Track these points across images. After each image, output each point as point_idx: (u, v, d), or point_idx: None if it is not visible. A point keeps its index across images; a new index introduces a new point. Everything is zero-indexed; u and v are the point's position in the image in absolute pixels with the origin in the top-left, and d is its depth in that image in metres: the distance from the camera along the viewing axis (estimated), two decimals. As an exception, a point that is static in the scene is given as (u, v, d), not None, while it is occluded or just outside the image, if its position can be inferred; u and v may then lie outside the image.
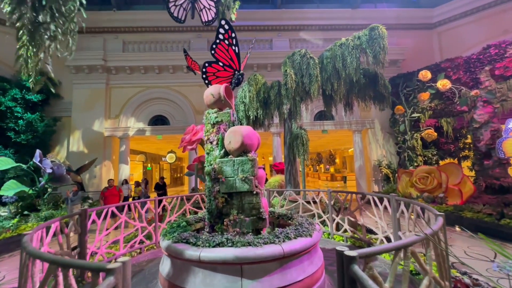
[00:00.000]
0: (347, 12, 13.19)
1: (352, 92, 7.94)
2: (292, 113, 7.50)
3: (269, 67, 12.42)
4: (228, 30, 3.47)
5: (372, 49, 6.30)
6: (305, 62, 6.69)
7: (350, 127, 12.46)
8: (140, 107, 12.32)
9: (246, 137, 3.19)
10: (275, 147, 12.30)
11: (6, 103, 9.99)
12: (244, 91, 7.76)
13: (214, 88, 3.52)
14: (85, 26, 10.93)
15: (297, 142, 7.19)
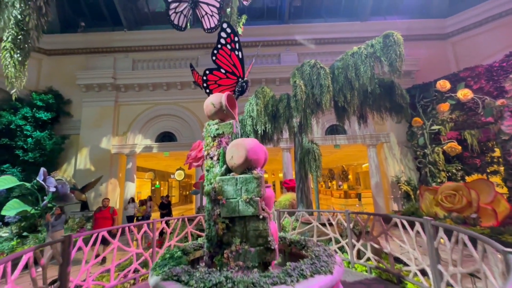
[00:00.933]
0: (356, 25, 13.01)
1: (366, 104, 7.48)
2: (302, 127, 7.05)
3: (277, 81, 12.19)
4: (230, 33, 3.15)
5: (387, 57, 5.89)
6: (315, 73, 6.33)
7: (364, 141, 11.83)
8: (148, 123, 12.23)
9: (250, 151, 2.74)
10: (285, 163, 11.77)
11: (16, 122, 10.07)
12: (252, 104, 7.43)
13: (215, 96, 3.15)
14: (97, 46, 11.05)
15: (308, 157, 6.68)
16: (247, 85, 3.30)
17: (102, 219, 6.54)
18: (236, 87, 3.35)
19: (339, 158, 19.20)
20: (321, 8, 13.90)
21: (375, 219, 4.20)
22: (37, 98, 10.88)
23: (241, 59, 3.25)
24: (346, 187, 23.33)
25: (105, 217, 6.55)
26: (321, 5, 13.81)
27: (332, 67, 6.77)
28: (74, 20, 12.91)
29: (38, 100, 10.83)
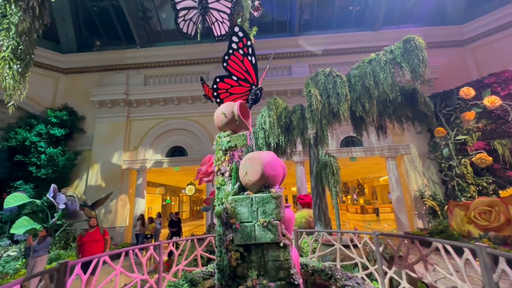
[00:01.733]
0: (368, 34, 12.77)
1: (385, 113, 7.02)
2: (318, 139, 6.65)
3: (288, 93, 11.95)
4: (242, 37, 2.89)
5: (409, 62, 5.50)
6: (331, 81, 5.99)
7: (382, 153, 11.20)
8: (159, 138, 12.15)
9: (267, 166, 2.38)
10: (299, 177, 11.26)
11: (31, 138, 10.20)
12: (264, 116, 7.14)
13: (227, 106, 2.85)
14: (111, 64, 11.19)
15: (326, 171, 6.21)
16: (261, 92, 2.99)
17: (91, 243, 5.17)
18: (249, 95, 3.05)
19: (355, 171, 18.43)
20: (331, 20, 13.81)
21: (409, 242, 3.66)
22: (52, 115, 11.07)
23: (255, 65, 2.97)
24: (362, 201, 22.27)
25: (94, 240, 5.22)
26: (331, 17, 13.72)
27: (348, 76, 6.42)
28: (90, 39, 13.36)
29: (53, 117, 11.01)
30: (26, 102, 11.85)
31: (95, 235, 5.29)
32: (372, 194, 23.45)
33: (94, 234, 5.28)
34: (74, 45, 12.94)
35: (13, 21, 3.11)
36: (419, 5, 13.17)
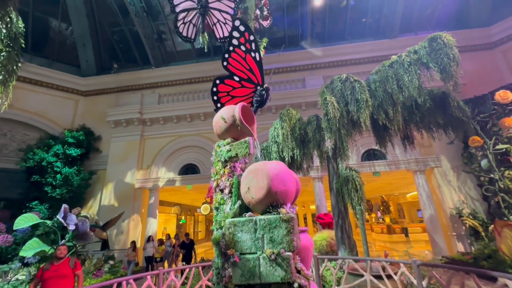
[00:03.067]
0: (384, 43, 12.26)
1: (412, 121, 6.31)
2: (337, 151, 6.03)
3: (303, 106, 11.50)
4: (244, 32, 2.52)
5: (438, 62, 4.90)
6: (348, 87, 5.48)
7: (409, 167, 10.22)
8: (172, 156, 11.99)
9: (275, 179, 1.87)
10: (317, 194, 10.46)
11: (48, 159, 10.36)
12: (277, 128, 6.68)
13: (227, 109, 2.42)
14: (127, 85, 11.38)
15: (348, 187, 5.53)
16: (267, 93, 2.56)
17: (55, 280, 3.81)
18: (253, 97, 2.61)
19: (378, 187, 17.16)
20: (344, 31, 13.51)
21: (460, 274, 2.89)
22: (69, 135, 11.30)
23: (259, 62, 2.56)
24: (388, 220, 20.56)
25: (60, 276, 3.86)
26: (344, 29, 13.44)
27: (367, 81, 5.88)
28: (108, 62, 13.91)
29: (70, 137, 11.23)
30: (47, 124, 12.30)
31: (62, 269, 3.91)
32: (398, 212, 21.67)
33: (61, 268, 3.91)
34: (94, 68, 13.49)
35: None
36: (438, 10, 12.58)
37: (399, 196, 20.66)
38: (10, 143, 11.25)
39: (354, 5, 13.22)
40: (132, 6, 11.98)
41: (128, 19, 12.71)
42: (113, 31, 13.53)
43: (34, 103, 12.12)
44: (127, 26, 13.10)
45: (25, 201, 10.08)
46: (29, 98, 12.08)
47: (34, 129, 11.98)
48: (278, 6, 13.08)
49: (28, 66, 11.98)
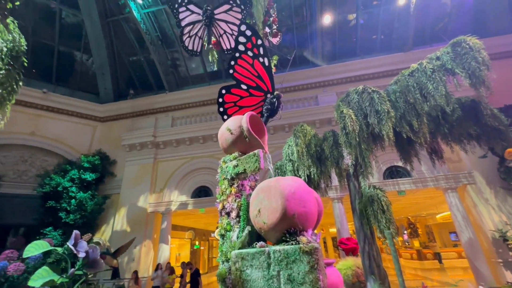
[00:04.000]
0: (398, 56, 11.98)
1: (439, 133, 5.77)
2: (357, 168, 5.54)
3: (317, 123, 11.16)
4: (251, 37, 2.31)
5: (464, 67, 4.49)
6: (366, 99, 5.13)
7: (438, 184, 9.37)
8: (184, 178, 11.80)
9: (292, 198, 1.52)
10: (337, 216, 9.73)
11: (64, 184, 10.46)
12: (291, 146, 6.32)
13: (233, 120, 2.14)
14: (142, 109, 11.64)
15: (373, 208, 4.96)
16: (279, 100, 2.28)
17: None
18: (263, 106, 2.33)
19: (403, 208, 15.92)
20: (355, 48, 13.42)
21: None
22: (85, 160, 11.47)
23: (268, 68, 2.31)
24: (417, 244, 18.83)
25: None
26: (355, 45, 13.36)
27: (386, 92, 5.51)
28: (125, 89, 14.46)
29: (86, 162, 11.39)
30: (66, 150, 12.63)
31: None
32: (428, 234, 19.85)
33: None
34: (111, 95, 14.04)
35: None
36: (452, 22, 12.30)
37: (427, 217, 19.08)
38: (30, 169, 11.56)
39: (363, 23, 13.25)
40: (148, 35, 12.61)
41: (144, 48, 13.35)
42: (130, 59, 14.21)
43: (55, 130, 12.58)
44: (143, 55, 13.74)
45: (39, 227, 10.06)
46: (51, 125, 12.59)
47: (53, 155, 12.31)
48: (288, 27, 13.33)
49: (51, 96, 12.65)
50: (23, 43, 3.50)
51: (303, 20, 13.25)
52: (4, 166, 10.96)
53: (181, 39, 3.27)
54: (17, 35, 3.37)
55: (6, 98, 3.17)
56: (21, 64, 3.42)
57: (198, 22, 3.12)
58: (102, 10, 12.45)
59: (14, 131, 11.48)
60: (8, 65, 3.03)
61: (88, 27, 12.56)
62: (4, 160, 10.99)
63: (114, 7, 12.73)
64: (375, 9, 12.57)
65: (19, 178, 11.18)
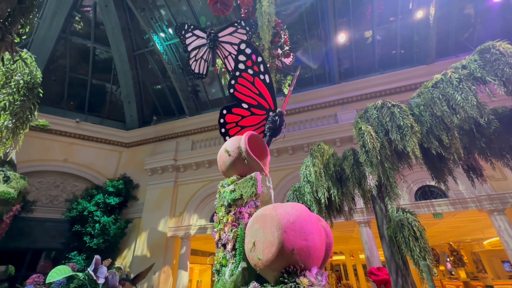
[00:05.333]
0: (421, 69, 11.45)
1: (475, 147, 5.17)
2: (382, 189, 5.06)
3: (337, 142, 10.72)
4: (251, 54, 2.23)
5: (496, 74, 4.06)
6: (386, 114, 4.79)
7: (480, 205, 8.32)
8: (203, 202, 11.73)
9: (290, 229, 1.30)
10: (365, 242, 8.90)
11: (89, 208, 10.84)
12: (308, 166, 6.01)
13: (232, 141, 2.00)
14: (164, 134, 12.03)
15: (403, 234, 4.41)
16: (281, 118, 2.11)
17: None
18: (266, 125, 2.19)
19: (442, 232, 14.31)
20: (374, 64, 13.12)
21: None
22: (110, 185, 11.91)
23: (269, 84, 2.19)
24: (463, 275, 16.58)
25: None
26: (373, 61, 13.08)
27: (409, 106, 5.13)
28: (149, 116, 15.25)
29: (110, 186, 11.81)
30: (94, 175, 13.27)
31: None
32: (475, 263, 17.44)
33: None
34: (136, 122, 14.83)
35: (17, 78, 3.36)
36: (478, 31, 11.68)
37: (473, 243, 16.94)
38: (61, 194, 12.22)
39: (381, 39, 13.05)
40: (169, 65, 13.42)
41: (166, 76, 14.18)
42: (154, 88, 15.12)
43: (85, 156, 13.38)
44: (165, 83, 14.56)
45: (65, 251, 10.35)
46: (82, 152, 13.43)
47: (83, 180, 12.98)
48: (304, 48, 13.49)
49: (83, 125, 13.64)
50: (38, 75, 3.84)
51: (318, 40, 13.37)
52: (38, 192, 11.70)
53: (188, 63, 3.33)
54: (34, 68, 3.73)
55: (19, 127, 3.40)
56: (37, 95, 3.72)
57: (203, 46, 3.19)
58: (129, 45, 13.58)
59: (49, 158, 12.40)
60: (24, 96, 3.31)
61: (116, 61, 13.70)
62: (39, 185, 11.76)
63: (140, 41, 13.87)
64: (392, 25, 12.37)
65: (51, 203, 11.82)
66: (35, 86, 3.61)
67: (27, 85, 3.48)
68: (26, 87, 3.44)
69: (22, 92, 3.44)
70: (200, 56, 3.29)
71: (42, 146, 12.26)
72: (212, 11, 4.26)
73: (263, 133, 2.22)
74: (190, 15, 12.90)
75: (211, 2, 4.22)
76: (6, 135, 3.14)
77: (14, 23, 1.73)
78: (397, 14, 11.97)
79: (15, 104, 3.28)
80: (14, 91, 3.23)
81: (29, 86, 3.51)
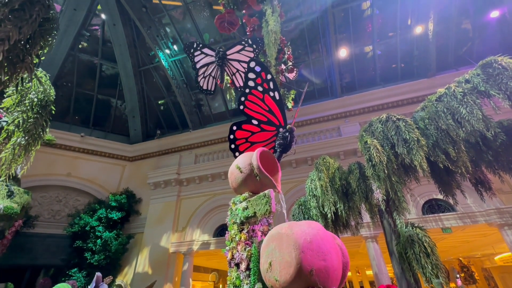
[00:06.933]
0: (422, 83, 11.58)
1: (482, 161, 5.13)
2: (390, 203, 4.99)
3: (341, 155, 10.69)
4: (260, 72, 2.28)
5: (500, 88, 4.10)
6: (391, 127, 4.81)
7: (490, 219, 8.13)
8: (206, 216, 11.58)
9: (307, 249, 1.28)
10: (373, 258, 8.66)
11: (91, 223, 10.72)
12: (313, 180, 5.96)
13: (243, 157, 2.01)
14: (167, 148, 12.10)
15: (414, 250, 4.29)
16: (292, 134, 2.13)
17: None
18: (276, 141, 2.20)
19: (451, 247, 13.91)
20: (375, 77, 13.31)
21: None
22: (113, 199, 11.84)
23: (279, 101, 2.23)
24: (476, 292, 15.93)
25: None
26: (374, 75, 13.27)
27: (413, 120, 5.15)
28: (153, 130, 15.39)
29: (113, 201, 11.73)
30: (96, 189, 13.23)
31: None
32: (487, 280, 16.81)
33: None
34: (140, 135, 14.95)
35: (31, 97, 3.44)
36: (476, 45, 11.89)
37: (483, 258, 16.41)
38: (63, 209, 12.14)
39: (381, 53, 13.31)
40: (174, 80, 13.69)
41: (170, 91, 14.43)
42: (158, 102, 15.35)
43: (89, 170, 13.39)
44: (170, 97, 14.80)
45: (65, 268, 10.14)
46: (85, 166, 13.45)
47: (85, 195, 12.92)
48: (306, 63, 13.76)
49: (87, 139, 13.75)
50: (52, 93, 3.94)
51: (320, 55, 13.65)
52: (41, 207, 11.64)
53: (196, 80, 3.41)
54: (48, 86, 3.84)
55: (31, 144, 3.44)
56: (49, 112, 3.81)
57: (211, 63, 3.28)
58: (135, 61, 13.94)
59: (53, 172, 12.42)
60: (37, 113, 3.39)
61: (122, 77, 14.00)
62: (41, 200, 11.71)
63: (145, 57, 14.23)
64: (391, 40, 12.65)
65: (53, 218, 11.73)
66: (48, 104, 3.70)
67: (41, 102, 3.58)
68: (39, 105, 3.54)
69: (35, 109, 3.52)
70: (208, 73, 3.38)
71: (46, 161, 12.32)
72: (219, 29, 4.41)
73: (273, 149, 2.24)
74: (194, 32, 13.31)
75: (217, 21, 4.37)
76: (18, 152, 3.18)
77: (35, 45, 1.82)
78: (396, 29, 12.27)
79: (28, 122, 3.36)
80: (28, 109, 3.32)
81: (42, 104, 3.61)
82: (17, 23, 1.57)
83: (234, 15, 4.16)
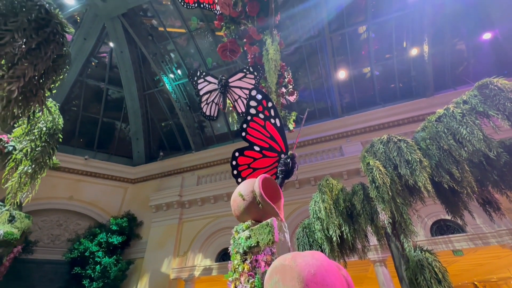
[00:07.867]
0: (421, 102, 11.74)
1: (488, 180, 5.07)
2: (397, 225, 4.86)
3: (344, 175, 10.61)
4: (261, 100, 2.37)
5: (498, 108, 4.15)
6: (393, 148, 4.82)
7: (502, 241, 7.85)
8: (209, 239, 11.29)
9: (311, 282, 1.26)
10: (382, 283, 8.27)
11: (91, 248, 10.47)
12: (317, 202, 5.87)
13: (246, 184, 2.02)
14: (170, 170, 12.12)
15: (425, 276, 4.12)
16: (293, 161, 2.16)
17: None
18: (278, 167, 2.22)
19: (465, 270, 13.28)
20: (374, 97, 13.55)
21: None
22: (114, 223, 11.65)
23: (280, 128, 2.28)
24: (495, 320, 14.95)
25: None
26: (374, 94, 13.52)
27: (415, 140, 5.18)
28: (156, 152, 15.51)
29: (114, 225, 11.55)
30: (98, 213, 13.07)
31: None
32: (506, 306, 15.83)
33: None
34: (143, 158, 15.04)
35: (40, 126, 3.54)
36: (472, 65, 12.20)
37: (500, 282, 15.58)
38: (63, 233, 11.93)
39: (379, 74, 13.66)
40: (177, 103, 14.04)
41: (174, 113, 14.73)
42: (161, 124, 15.62)
43: (91, 193, 13.33)
44: (173, 119, 15.07)
45: (63, 297, 9.78)
46: (88, 189, 13.41)
47: (86, 218, 12.75)
48: (305, 85, 14.11)
49: (91, 161, 13.84)
50: (60, 122, 4.08)
51: (319, 77, 14.02)
52: (41, 231, 11.45)
53: (200, 106, 3.53)
54: (57, 115, 3.98)
55: (37, 172, 3.49)
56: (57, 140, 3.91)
57: (214, 91, 3.41)
58: (140, 86, 14.40)
59: (55, 196, 12.36)
60: (45, 142, 3.48)
61: (128, 101, 14.39)
62: (42, 224, 11.56)
63: (150, 82, 14.72)
64: (388, 61, 13.03)
65: (52, 243, 11.50)
66: (56, 132, 3.82)
67: (49, 131, 3.69)
68: (47, 133, 3.65)
69: (43, 138, 3.62)
70: (211, 100, 3.50)
71: (49, 184, 12.29)
72: (221, 57, 4.62)
73: (275, 175, 2.26)
74: (197, 57, 13.85)
75: (220, 50, 4.59)
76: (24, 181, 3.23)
77: (47, 80, 1.93)
78: (392, 51, 12.69)
79: (36, 150, 3.45)
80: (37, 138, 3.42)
81: (50, 132, 3.72)
82: (32, 61, 1.69)
83: (235, 44, 4.38)
